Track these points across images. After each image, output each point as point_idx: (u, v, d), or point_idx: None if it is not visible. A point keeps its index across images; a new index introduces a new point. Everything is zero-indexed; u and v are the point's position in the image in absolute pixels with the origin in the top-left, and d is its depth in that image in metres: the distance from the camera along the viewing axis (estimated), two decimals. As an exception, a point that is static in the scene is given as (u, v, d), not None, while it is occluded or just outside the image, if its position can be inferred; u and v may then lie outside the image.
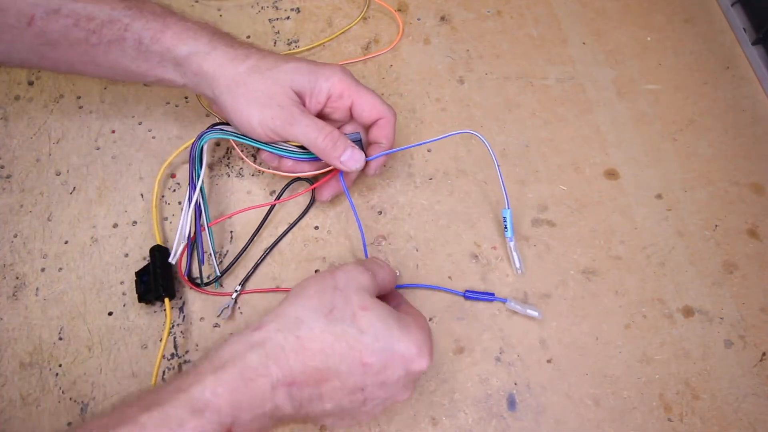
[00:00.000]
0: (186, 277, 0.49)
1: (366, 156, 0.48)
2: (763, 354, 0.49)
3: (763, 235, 0.53)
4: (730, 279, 0.52)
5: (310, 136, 0.46)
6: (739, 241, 0.53)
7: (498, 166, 0.49)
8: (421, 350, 0.38)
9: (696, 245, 0.53)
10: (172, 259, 0.47)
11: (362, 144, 0.50)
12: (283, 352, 0.36)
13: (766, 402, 0.47)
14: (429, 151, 0.56)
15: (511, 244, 0.51)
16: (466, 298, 0.50)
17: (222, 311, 0.48)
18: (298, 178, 0.52)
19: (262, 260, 0.51)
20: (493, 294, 0.49)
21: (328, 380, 0.37)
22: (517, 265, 0.51)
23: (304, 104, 0.47)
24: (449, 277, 0.51)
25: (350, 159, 0.47)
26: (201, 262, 0.49)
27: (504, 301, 0.49)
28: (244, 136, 0.48)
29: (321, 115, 0.49)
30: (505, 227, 0.50)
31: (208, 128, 0.49)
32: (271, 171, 0.50)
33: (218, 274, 0.49)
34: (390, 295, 0.46)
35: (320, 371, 0.37)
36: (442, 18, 0.64)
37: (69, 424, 0.44)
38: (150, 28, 0.45)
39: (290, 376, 0.36)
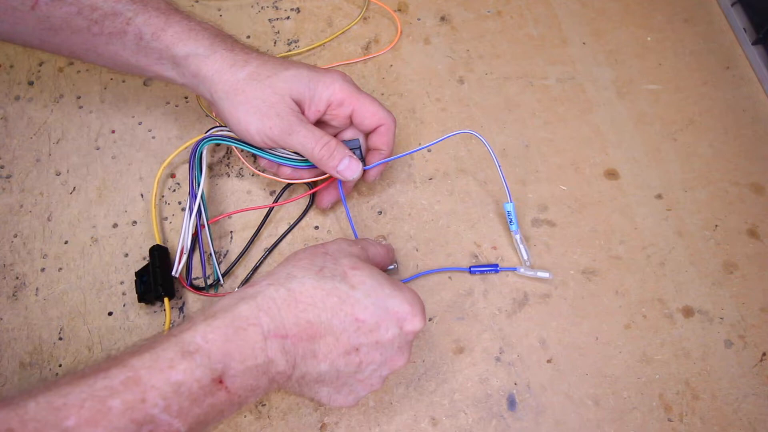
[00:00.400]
0: (189, 285, 0.49)
1: (366, 164, 0.49)
2: (763, 354, 0.49)
3: (763, 235, 0.53)
4: (730, 279, 0.52)
5: (308, 147, 0.46)
6: (739, 241, 0.53)
7: (497, 159, 0.49)
8: (413, 308, 0.39)
9: (696, 245, 0.53)
10: (175, 273, 0.47)
11: (362, 151, 0.50)
12: (275, 304, 0.36)
13: (766, 402, 0.47)
14: (429, 151, 0.56)
15: (517, 236, 0.51)
16: (472, 272, 0.50)
17: None
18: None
19: (261, 262, 0.51)
20: (497, 265, 0.50)
21: (322, 336, 0.37)
22: (525, 256, 0.51)
23: (303, 112, 0.47)
24: (449, 277, 0.51)
25: (347, 169, 0.47)
26: (204, 270, 0.49)
27: (514, 269, 0.50)
28: (242, 142, 0.48)
29: (321, 122, 0.49)
30: (510, 221, 0.50)
31: (206, 133, 0.49)
32: (269, 176, 0.50)
33: (219, 277, 0.49)
34: None
35: (313, 325, 0.36)
36: (442, 18, 0.64)
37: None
38: (151, 25, 0.45)
39: (282, 328, 0.36)
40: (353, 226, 0.50)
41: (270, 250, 0.51)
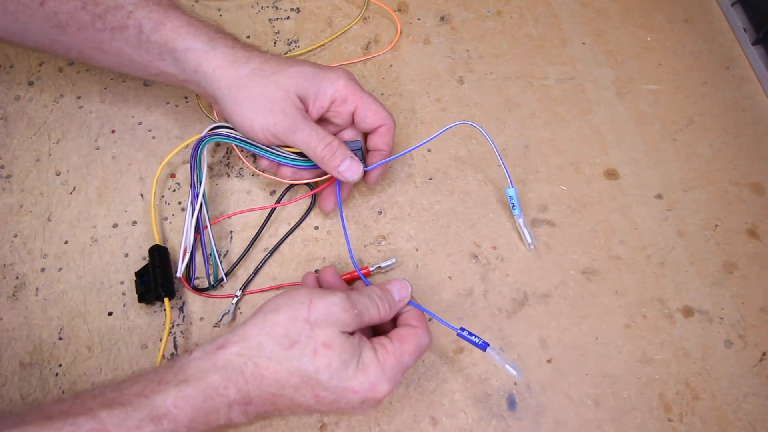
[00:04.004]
0: (191, 287, 0.49)
1: (367, 165, 0.49)
2: (763, 354, 0.49)
3: (763, 235, 0.53)
4: (730, 279, 0.52)
5: (310, 145, 0.46)
6: (739, 241, 0.53)
7: (495, 145, 0.49)
8: (374, 386, 0.39)
9: (696, 245, 0.53)
10: (178, 273, 0.48)
11: (363, 152, 0.50)
12: (243, 377, 0.38)
13: (766, 402, 0.47)
14: (429, 150, 0.56)
15: (520, 221, 0.51)
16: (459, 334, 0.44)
17: (222, 317, 0.48)
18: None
19: (262, 264, 0.51)
20: (486, 343, 0.43)
21: (283, 402, 0.39)
22: (529, 240, 0.51)
23: (307, 108, 0.47)
24: (449, 277, 0.51)
25: (348, 170, 0.47)
26: (207, 270, 0.50)
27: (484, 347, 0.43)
28: (244, 140, 0.48)
29: (323, 119, 0.49)
30: (512, 205, 0.50)
31: (206, 132, 0.49)
32: (269, 176, 0.50)
33: (223, 278, 0.49)
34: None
35: (275, 396, 0.38)
36: (442, 18, 0.64)
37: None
38: (151, 18, 0.45)
39: (247, 397, 0.38)
40: (347, 235, 0.49)
41: (270, 254, 0.51)
